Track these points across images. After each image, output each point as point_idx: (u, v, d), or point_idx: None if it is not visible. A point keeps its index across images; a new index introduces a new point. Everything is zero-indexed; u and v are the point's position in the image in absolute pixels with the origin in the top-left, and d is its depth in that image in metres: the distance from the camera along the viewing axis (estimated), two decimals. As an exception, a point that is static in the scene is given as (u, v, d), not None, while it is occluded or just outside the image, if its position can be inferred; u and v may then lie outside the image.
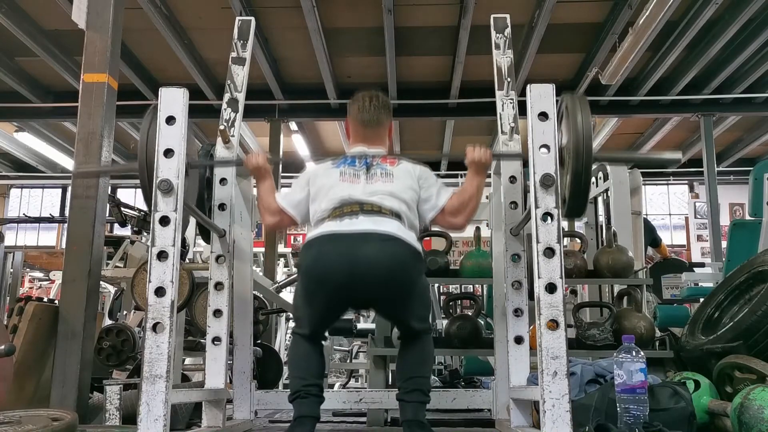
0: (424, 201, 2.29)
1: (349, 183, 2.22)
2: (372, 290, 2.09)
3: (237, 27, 2.84)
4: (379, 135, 2.40)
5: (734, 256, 3.69)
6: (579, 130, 1.97)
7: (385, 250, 2.06)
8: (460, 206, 2.27)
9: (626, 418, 1.85)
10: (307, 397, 2.08)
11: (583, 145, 1.96)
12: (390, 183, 2.23)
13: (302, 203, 2.31)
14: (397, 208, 2.18)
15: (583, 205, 2.10)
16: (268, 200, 2.35)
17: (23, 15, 6.53)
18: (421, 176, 2.31)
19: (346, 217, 2.13)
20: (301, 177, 2.37)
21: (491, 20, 2.80)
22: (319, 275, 2.08)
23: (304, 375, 2.12)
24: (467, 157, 2.29)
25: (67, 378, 3.04)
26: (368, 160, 2.28)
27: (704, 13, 6.17)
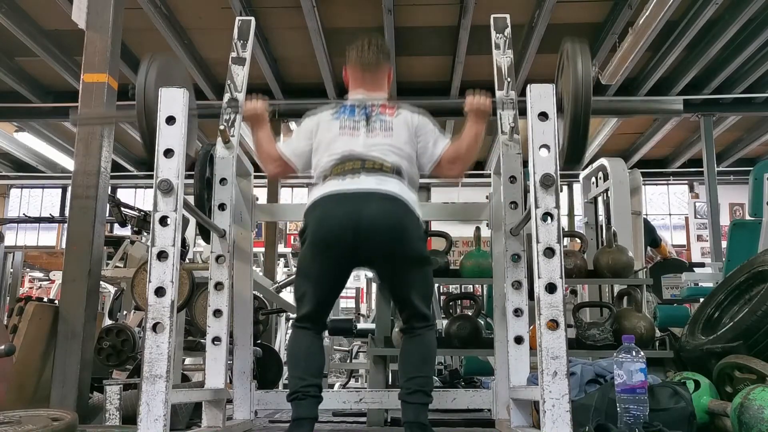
0: (422, 151, 2.30)
1: (350, 136, 2.24)
2: (374, 246, 2.09)
3: (237, 27, 2.84)
4: (379, 79, 2.41)
5: (734, 256, 3.69)
6: (579, 75, 1.98)
7: (386, 207, 2.09)
8: (456, 156, 2.28)
9: (626, 418, 1.85)
10: (305, 399, 2.07)
11: (582, 90, 1.97)
12: (389, 136, 2.24)
13: (305, 154, 2.33)
14: (398, 163, 2.21)
15: (582, 152, 2.11)
16: (269, 148, 2.36)
17: (23, 15, 6.52)
18: (419, 126, 2.31)
19: (348, 175, 2.15)
20: (303, 126, 2.37)
21: (491, 20, 2.81)
22: (325, 234, 2.10)
23: (303, 374, 2.10)
24: (466, 103, 2.30)
25: (67, 378, 3.04)
26: (368, 110, 2.28)
27: (704, 13, 6.17)
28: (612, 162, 4.76)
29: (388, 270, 2.22)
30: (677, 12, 6.24)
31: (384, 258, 2.15)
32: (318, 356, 2.17)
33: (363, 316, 8.90)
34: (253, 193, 2.95)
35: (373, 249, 2.10)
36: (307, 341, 2.17)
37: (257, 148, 2.40)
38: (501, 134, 2.63)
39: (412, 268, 2.16)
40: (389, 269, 2.20)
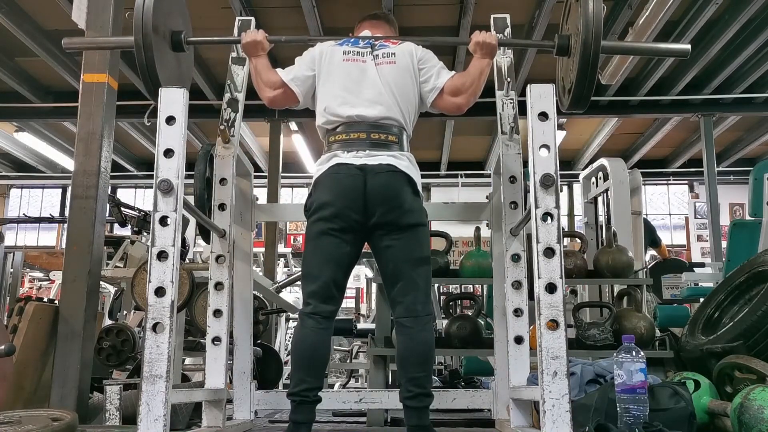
0: (424, 83, 2.31)
1: (354, 64, 2.26)
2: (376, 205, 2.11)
3: (237, 27, 2.84)
4: (384, 27, 2.46)
5: (734, 256, 3.69)
6: (589, 14, 2.00)
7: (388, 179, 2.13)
8: (461, 86, 2.28)
9: (626, 418, 1.85)
10: (303, 404, 2.06)
11: (593, 30, 1.98)
12: (393, 65, 2.26)
13: (307, 81, 2.32)
14: (403, 114, 2.23)
15: (588, 94, 2.12)
16: (268, 75, 2.33)
17: (23, 15, 6.52)
18: (422, 57, 2.33)
19: (354, 147, 2.17)
20: (306, 55, 2.37)
21: (491, 20, 2.80)
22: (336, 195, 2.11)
23: (305, 376, 2.07)
24: (472, 40, 2.30)
25: (67, 378, 3.04)
26: (371, 41, 2.32)
27: (704, 13, 6.17)
28: (612, 162, 4.76)
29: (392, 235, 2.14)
30: (677, 12, 6.23)
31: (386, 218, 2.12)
32: (323, 353, 2.11)
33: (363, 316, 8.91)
34: (253, 193, 2.95)
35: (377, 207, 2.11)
36: (311, 335, 2.08)
37: (255, 76, 2.37)
38: (501, 134, 2.63)
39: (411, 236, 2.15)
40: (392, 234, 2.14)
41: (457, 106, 2.29)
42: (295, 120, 9.18)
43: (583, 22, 2.01)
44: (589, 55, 2.01)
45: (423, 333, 2.11)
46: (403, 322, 2.13)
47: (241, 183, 2.79)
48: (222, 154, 2.65)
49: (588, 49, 2.01)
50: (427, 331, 2.12)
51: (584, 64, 2.04)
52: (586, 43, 2.01)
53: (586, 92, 2.11)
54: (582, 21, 2.02)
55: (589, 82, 2.07)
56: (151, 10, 2.12)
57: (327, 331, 2.13)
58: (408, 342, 2.12)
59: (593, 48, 2.01)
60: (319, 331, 2.10)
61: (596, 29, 2.01)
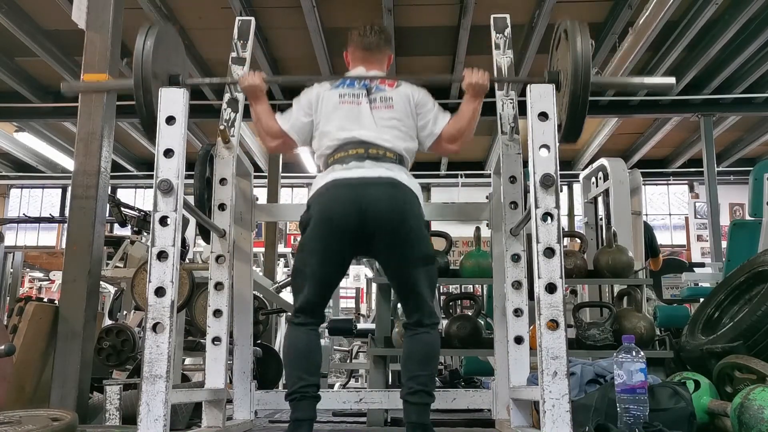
0: (422, 128, 2.32)
1: (350, 107, 2.25)
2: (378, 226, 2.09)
3: (237, 27, 2.84)
4: (379, 60, 2.42)
5: (734, 256, 3.69)
6: (578, 53, 2.00)
7: (390, 192, 2.12)
8: (456, 133, 2.31)
9: (626, 418, 1.85)
10: (303, 400, 2.06)
11: (581, 67, 1.98)
12: (390, 109, 2.25)
13: (305, 128, 2.32)
14: (401, 146, 2.22)
15: (580, 129, 2.12)
16: (269, 123, 2.34)
17: (23, 15, 6.52)
18: (419, 102, 2.33)
19: (353, 161, 2.16)
20: (302, 99, 2.36)
21: (491, 20, 2.81)
22: (331, 216, 2.10)
23: (301, 374, 2.09)
24: (465, 79, 2.29)
25: (67, 378, 3.04)
26: (367, 83, 2.29)
27: (704, 13, 6.16)
28: (612, 162, 4.76)
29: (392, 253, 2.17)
30: (677, 12, 6.23)
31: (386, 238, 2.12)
32: (316, 353, 2.15)
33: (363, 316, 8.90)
34: (253, 193, 2.95)
35: (376, 228, 2.10)
36: (304, 338, 2.13)
37: (256, 123, 2.38)
38: (501, 134, 2.63)
39: (414, 251, 2.15)
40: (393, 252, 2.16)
41: (453, 150, 2.38)
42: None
43: (571, 60, 2.01)
44: (579, 94, 2.01)
45: (428, 336, 2.16)
46: (410, 326, 2.19)
47: (241, 183, 2.79)
48: (222, 154, 2.65)
49: (577, 88, 2.01)
50: (432, 334, 2.17)
51: (574, 103, 2.03)
52: (575, 82, 2.01)
53: (577, 128, 2.11)
54: (570, 59, 2.01)
55: (579, 118, 2.07)
56: (150, 55, 2.12)
57: (316, 332, 2.20)
58: (413, 343, 2.17)
59: (582, 86, 2.01)
60: (310, 333, 2.16)
61: (585, 68, 2.00)
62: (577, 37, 2.02)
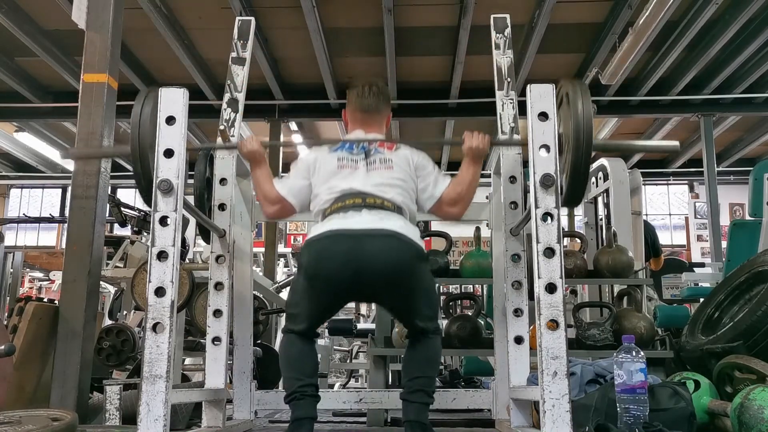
0: (422, 191, 2.29)
1: (349, 170, 2.21)
2: (376, 286, 2.09)
3: (237, 27, 2.84)
4: (378, 122, 2.39)
5: (734, 256, 3.69)
6: (579, 117, 1.96)
7: (388, 247, 2.05)
8: (457, 197, 2.28)
9: (626, 418, 1.85)
10: (303, 398, 2.07)
11: (583, 133, 1.95)
12: (390, 170, 2.22)
13: (303, 191, 2.29)
14: (400, 200, 2.18)
15: (581, 193, 2.09)
16: (267, 188, 2.32)
17: (23, 15, 6.53)
18: (419, 165, 2.30)
19: (350, 211, 2.12)
20: (300, 164, 2.34)
21: (491, 20, 2.80)
22: (323, 274, 2.07)
23: (298, 375, 2.09)
24: (464, 144, 2.28)
25: (67, 378, 3.04)
26: (366, 146, 2.26)
27: (704, 13, 6.17)
28: (612, 162, 4.75)
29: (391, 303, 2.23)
30: (677, 12, 6.24)
31: (386, 294, 2.15)
32: (311, 357, 2.16)
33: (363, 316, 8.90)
34: (253, 193, 2.94)
35: (375, 288, 2.10)
36: (299, 344, 2.15)
37: (255, 188, 2.38)
38: (501, 134, 2.63)
39: (415, 299, 2.14)
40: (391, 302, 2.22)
41: (455, 214, 2.30)
42: (295, 120, 9.19)
43: (573, 126, 1.96)
44: (581, 160, 1.96)
45: (429, 341, 2.18)
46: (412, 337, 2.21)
47: (241, 183, 2.79)
48: (222, 154, 2.65)
49: (579, 154, 1.96)
50: (433, 339, 2.19)
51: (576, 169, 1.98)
52: (576, 148, 1.95)
53: (579, 192, 2.07)
54: (572, 125, 1.97)
55: (581, 182, 2.03)
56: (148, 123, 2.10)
57: (312, 344, 2.20)
58: (414, 347, 2.20)
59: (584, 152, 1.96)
60: (305, 341, 2.17)
61: (587, 134, 1.95)
62: (578, 102, 1.97)
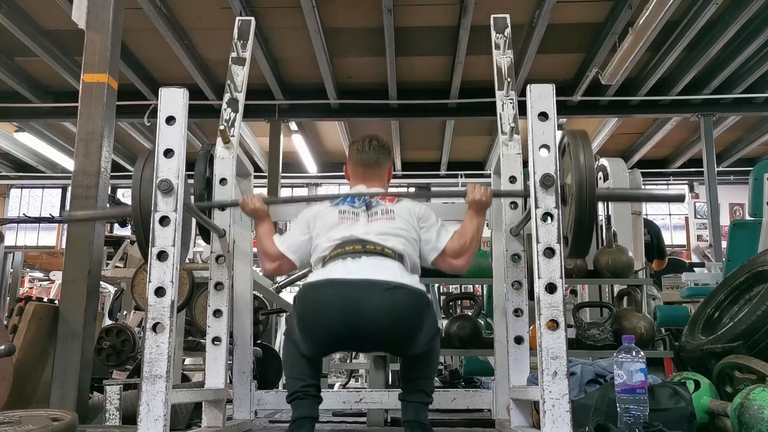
0: (425, 242, 2.25)
1: (350, 223, 2.18)
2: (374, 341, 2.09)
3: (237, 27, 2.84)
4: (379, 175, 2.39)
5: (734, 256, 3.69)
6: (582, 169, 1.95)
7: (389, 300, 1.97)
8: (461, 248, 2.23)
9: (626, 418, 1.85)
10: (305, 399, 2.07)
11: (586, 185, 1.94)
12: (392, 221, 2.19)
13: (303, 246, 2.25)
14: (401, 248, 2.13)
15: (587, 245, 2.05)
16: (267, 244, 2.29)
17: (23, 15, 6.53)
18: (422, 217, 2.27)
19: (349, 257, 2.08)
20: (301, 219, 2.32)
21: (491, 20, 2.80)
22: (318, 327, 2.02)
23: (300, 375, 2.09)
24: (467, 197, 2.27)
25: (67, 378, 3.04)
26: (367, 199, 2.24)
27: (704, 13, 6.17)
28: (612, 162, 4.75)
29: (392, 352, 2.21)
30: (677, 12, 6.24)
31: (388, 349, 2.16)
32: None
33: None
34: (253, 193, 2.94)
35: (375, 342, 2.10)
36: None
37: (257, 244, 2.37)
38: (501, 134, 2.63)
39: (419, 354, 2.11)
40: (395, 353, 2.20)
41: (459, 267, 2.25)
42: (295, 120, 9.19)
43: (576, 176, 1.95)
44: (585, 210, 1.95)
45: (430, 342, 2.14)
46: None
47: (241, 183, 2.79)
48: (222, 154, 2.65)
49: (583, 204, 1.95)
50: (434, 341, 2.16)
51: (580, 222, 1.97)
52: (580, 201, 1.95)
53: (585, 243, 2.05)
54: (575, 175, 1.96)
55: (586, 233, 2.01)
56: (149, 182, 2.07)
57: None
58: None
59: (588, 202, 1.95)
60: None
61: (590, 183, 1.95)
62: (580, 153, 1.97)
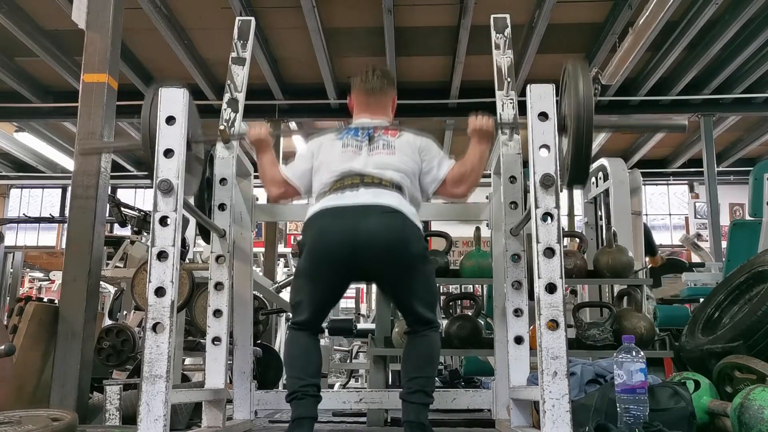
0: (426, 173, 2.30)
1: (351, 154, 2.24)
2: (374, 262, 2.09)
3: (237, 27, 2.84)
4: (383, 105, 2.43)
5: (734, 256, 3.69)
6: (580, 96, 1.99)
7: (384, 222, 2.08)
8: (461, 177, 2.29)
9: (626, 418, 1.85)
10: (304, 398, 2.07)
11: (584, 111, 1.98)
12: (392, 155, 2.24)
13: (306, 174, 2.33)
14: (398, 180, 2.20)
15: (585, 173, 2.11)
16: (272, 172, 2.37)
17: (23, 15, 6.53)
18: (423, 148, 2.32)
19: (347, 190, 2.16)
20: (306, 148, 2.39)
21: (491, 20, 2.81)
22: (323, 249, 2.10)
23: (301, 374, 2.10)
24: (469, 125, 2.30)
25: (67, 378, 3.04)
26: (370, 132, 2.30)
27: (704, 13, 6.17)
28: (612, 162, 4.76)
29: (390, 283, 2.22)
30: (677, 12, 6.24)
31: (384, 272, 2.15)
32: (315, 356, 2.17)
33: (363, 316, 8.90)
34: (253, 193, 2.95)
35: (373, 263, 2.10)
36: (304, 342, 2.16)
37: (261, 173, 2.42)
38: (501, 134, 2.63)
39: (413, 279, 2.15)
40: (390, 282, 2.21)
41: (460, 195, 2.32)
42: (295, 120, 9.19)
43: (574, 103, 1.99)
44: (582, 138, 1.99)
45: (427, 338, 2.18)
46: (410, 331, 2.21)
47: (241, 183, 2.79)
48: (222, 154, 2.65)
49: (581, 132, 1.99)
50: (431, 337, 2.19)
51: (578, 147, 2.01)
52: (578, 126, 1.98)
53: (583, 172, 2.09)
54: (573, 103, 1.99)
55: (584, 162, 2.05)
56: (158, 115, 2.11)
57: (316, 339, 2.22)
58: (413, 345, 2.20)
59: (585, 130, 1.99)
60: (309, 337, 2.18)
61: (587, 111, 1.98)
62: (579, 81, 2.00)
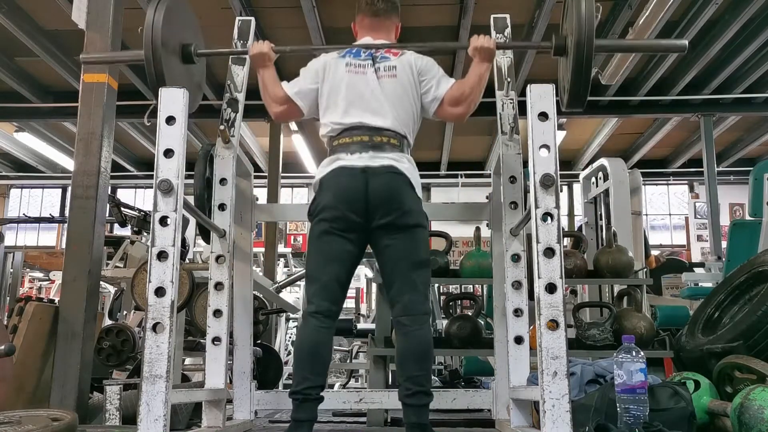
0: (425, 94, 2.34)
1: (355, 75, 2.28)
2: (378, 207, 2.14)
3: (237, 27, 2.85)
4: (387, 28, 2.46)
5: (734, 256, 3.69)
6: (582, 15, 2.03)
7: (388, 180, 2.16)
8: (460, 96, 2.31)
9: (626, 418, 1.85)
10: (306, 401, 2.07)
11: (585, 31, 2.02)
12: (393, 78, 2.29)
13: (311, 94, 2.35)
14: (400, 125, 2.25)
15: (584, 94, 2.15)
16: (275, 89, 2.36)
17: (23, 15, 6.53)
18: (422, 69, 2.35)
19: (356, 150, 2.20)
20: (310, 67, 2.39)
21: (491, 20, 2.81)
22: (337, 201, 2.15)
23: (308, 373, 2.08)
24: (471, 44, 2.33)
25: (67, 378, 3.04)
26: (372, 52, 2.33)
27: (704, 13, 6.17)
28: (612, 162, 4.76)
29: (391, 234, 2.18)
30: (677, 12, 6.24)
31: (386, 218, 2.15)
32: (326, 352, 2.14)
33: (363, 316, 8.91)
34: (253, 193, 2.95)
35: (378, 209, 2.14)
36: (315, 336, 2.12)
37: (262, 90, 2.41)
38: (501, 134, 2.63)
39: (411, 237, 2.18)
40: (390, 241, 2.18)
41: (458, 115, 2.36)
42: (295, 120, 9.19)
43: (575, 22, 2.06)
44: (583, 55, 2.06)
45: (421, 331, 2.14)
46: (401, 320, 2.16)
47: (241, 183, 2.79)
48: (222, 154, 2.65)
49: (581, 49, 2.06)
50: (424, 329, 2.15)
51: (578, 64, 2.09)
52: (579, 43, 2.06)
53: (583, 91, 2.15)
54: (575, 21, 2.06)
55: (584, 81, 2.12)
56: (161, 25, 2.15)
57: (329, 330, 2.16)
58: (406, 341, 2.15)
59: (586, 47, 2.06)
60: (321, 330, 2.13)
61: (588, 29, 2.05)
62: (582, 3, 2.05)
